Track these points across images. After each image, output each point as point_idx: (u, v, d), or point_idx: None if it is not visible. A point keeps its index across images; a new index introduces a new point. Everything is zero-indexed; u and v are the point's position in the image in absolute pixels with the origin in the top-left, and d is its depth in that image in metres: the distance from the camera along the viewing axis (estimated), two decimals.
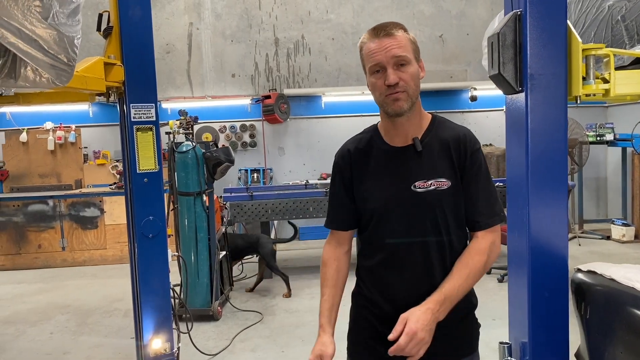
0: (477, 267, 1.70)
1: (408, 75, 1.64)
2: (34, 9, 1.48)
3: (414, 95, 1.67)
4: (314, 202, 6.49)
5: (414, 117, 1.74)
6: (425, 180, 1.70)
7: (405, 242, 1.73)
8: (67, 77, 1.84)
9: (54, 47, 1.63)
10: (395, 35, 1.65)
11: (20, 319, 5.44)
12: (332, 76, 9.20)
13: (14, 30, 1.47)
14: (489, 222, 1.74)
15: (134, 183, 3.54)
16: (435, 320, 1.59)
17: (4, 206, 7.78)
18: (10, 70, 1.70)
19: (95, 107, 8.88)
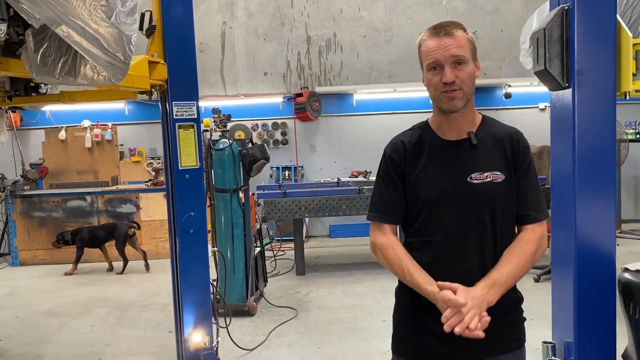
0: (525, 255, 1.73)
1: (465, 74, 1.69)
2: (99, 8, 1.54)
3: (469, 93, 1.72)
4: (347, 199, 6.50)
5: (468, 113, 1.79)
6: (481, 172, 1.74)
7: (459, 232, 1.75)
8: (122, 75, 1.89)
9: (113, 46, 1.68)
10: (454, 35, 1.69)
11: (62, 311, 5.60)
12: (364, 74, 9.19)
13: (78, 29, 1.53)
14: (538, 216, 1.79)
15: (176, 179, 3.60)
16: (485, 301, 1.61)
17: (44, 202, 8.00)
18: (70, 68, 1.76)
19: (130, 105, 9.06)
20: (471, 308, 1.57)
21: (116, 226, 7.32)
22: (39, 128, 8.90)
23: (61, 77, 1.78)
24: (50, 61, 1.75)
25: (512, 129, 1.86)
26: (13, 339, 4.84)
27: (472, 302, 1.58)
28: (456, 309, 1.57)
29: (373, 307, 5.26)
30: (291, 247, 7.49)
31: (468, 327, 1.55)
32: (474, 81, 1.73)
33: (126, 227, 7.25)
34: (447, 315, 1.58)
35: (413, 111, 9.22)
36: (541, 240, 1.79)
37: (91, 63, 1.75)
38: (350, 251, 8.06)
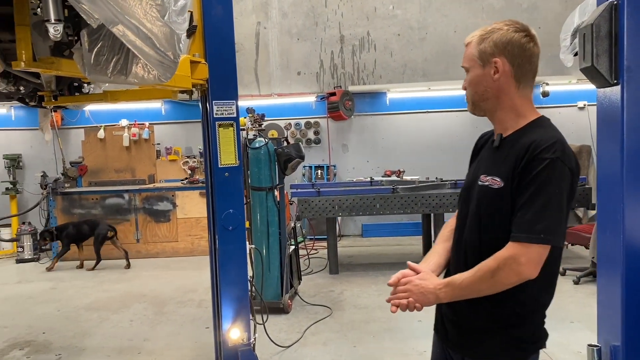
0: (483, 270, 1.63)
1: (467, 82, 1.78)
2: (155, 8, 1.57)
3: (474, 98, 1.77)
4: (381, 198, 6.47)
5: (502, 116, 1.77)
6: (486, 175, 1.74)
7: (460, 229, 1.82)
8: (171, 73, 1.93)
9: (164, 45, 1.72)
10: (467, 46, 1.78)
11: (102, 306, 5.75)
12: (398, 72, 9.14)
13: (133, 29, 1.57)
14: (518, 235, 1.59)
15: (216, 177, 3.65)
16: (435, 296, 1.69)
17: (83, 199, 8.22)
18: (122, 67, 1.81)
19: (167, 105, 9.23)
20: (402, 291, 1.72)
21: (98, 224, 7.57)
22: (79, 127, 9.15)
23: (113, 75, 1.83)
24: (103, 60, 1.80)
25: (538, 138, 1.65)
26: (56, 332, 4.99)
27: (408, 286, 1.71)
28: None
29: None
30: (324, 245, 7.52)
31: None
32: (480, 86, 1.73)
33: (106, 228, 7.54)
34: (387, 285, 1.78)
35: (448, 110, 9.15)
36: (509, 260, 1.58)
37: (142, 62, 1.79)
38: (384, 251, 8.02)
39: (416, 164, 8.91)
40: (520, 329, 1.70)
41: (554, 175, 1.59)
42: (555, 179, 1.58)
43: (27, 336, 4.90)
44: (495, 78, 1.71)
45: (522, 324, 1.70)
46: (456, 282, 1.67)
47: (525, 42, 1.71)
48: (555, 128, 1.75)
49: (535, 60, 1.75)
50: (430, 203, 6.44)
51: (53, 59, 2.33)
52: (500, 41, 1.70)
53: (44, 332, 4.98)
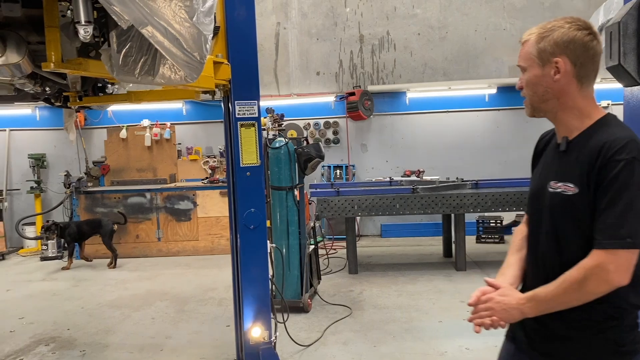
0: (569, 281, 1.56)
1: (523, 81, 1.71)
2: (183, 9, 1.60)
3: (533, 100, 1.70)
4: (401, 198, 6.45)
5: (565, 117, 1.68)
6: (556, 181, 1.66)
7: (535, 239, 1.76)
8: (197, 74, 1.96)
9: (191, 45, 1.74)
10: (523, 44, 1.71)
11: (125, 303, 5.83)
12: (417, 72, 9.10)
13: (162, 30, 1.59)
14: (603, 242, 1.52)
15: (237, 177, 3.68)
16: (519, 312, 1.64)
17: (106, 198, 8.34)
18: (150, 68, 1.84)
19: (188, 105, 9.32)
20: (484, 309, 1.68)
21: (101, 222, 7.71)
22: (102, 127, 9.29)
23: (140, 76, 1.86)
24: (131, 61, 1.83)
25: (611, 138, 1.57)
26: (80, 329, 5.07)
27: (490, 304, 1.67)
28: None
29: (428, 308, 5.21)
30: (343, 245, 7.52)
31: None
32: (541, 87, 1.65)
33: (111, 224, 7.69)
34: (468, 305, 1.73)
35: (468, 109, 9.08)
36: (596, 269, 1.52)
37: (170, 63, 1.82)
38: (403, 251, 7.99)
39: (436, 164, 8.87)
40: (615, 333, 1.60)
41: (632, 176, 1.51)
42: (634, 179, 1.51)
43: (52, 332, 5.00)
44: (556, 78, 1.63)
45: (617, 326, 1.60)
46: (541, 296, 1.61)
47: (588, 41, 1.61)
48: (625, 126, 1.67)
49: (598, 59, 1.66)
50: (451, 203, 6.40)
51: (81, 59, 2.38)
52: (562, 40, 1.61)
53: (68, 329, 5.07)
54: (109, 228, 7.66)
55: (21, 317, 5.49)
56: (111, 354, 4.43)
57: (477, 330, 1.67)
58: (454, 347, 4.25)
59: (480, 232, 8.36)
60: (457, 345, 4.27)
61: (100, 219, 7.82)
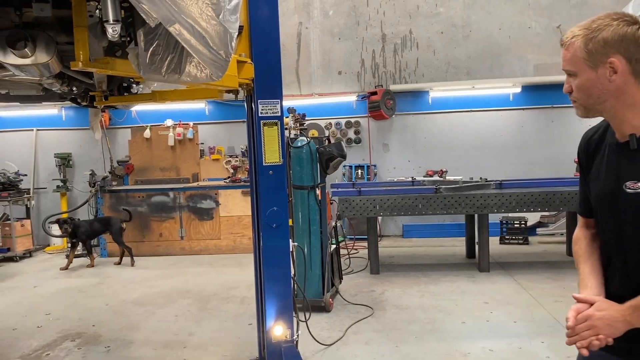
0: None
1: (574, 86, 1.62)
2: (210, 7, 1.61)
3: (586, 103, 1.62)
4: (423, 198, 6.40)
5: (627, 114, 1.60)
6: (635, 181, 1.57)
7: (617, 243, 1.66)
8: (223, 72, 1.97)
9: (217, 43, 1.75)
10: (567, 47, 1.61)
11: (149, 301, 5.90)
12: (440, 71, 9.03)
13: (189, 27, 1.61)
14: None
15: (260, 175, 3.70)
16: (626, 324, 1.55)
17: (130, 197, 8.46)
18: (176, 66, 1.86)
19: (211, 105, 9.39)
20: (586, 328, 1.57)
21: (110, 220, 7.87)
22: (126, 127, 9.42)
23: (167, 74, 1.88)
24: (158, 60, 1.85)
25: None
26: (105, 325, 5.15)
27: (591, 322, 1.56)
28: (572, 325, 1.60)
29: (451, 309, 5.16)
30: (364, 245, 7.49)
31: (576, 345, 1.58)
32: (595, 90, 1.58)
33: (119, 222, 7.83)
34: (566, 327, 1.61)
35: (492, 109, 8.98)
36: None
37: (196, 61, 1.83)
38: (425, 252, 7.94)
39: (459, 164, 8.79)
40: None
41: None
42: None
43: (78, 328, 5.08)
44: (612, 79, 1.55)
45: None
46: None
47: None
48: None
49: None
50: (474, 204, 6.33)
51: (108, 59, 2.41)
52: (613, 38, 1.53)
53: (93, 325, 5.15)
54: (117, 226, 7.79)
55: (48, 312, 5.60)
56: (135, 350, 4.49)
57: (585, 353, 1.56)
58: (477, 348, 4.20)
59: (504, 233, 8.26)
60: (480, 347, 4.22)
61: (109, 217, 7.99)
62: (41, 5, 2.13)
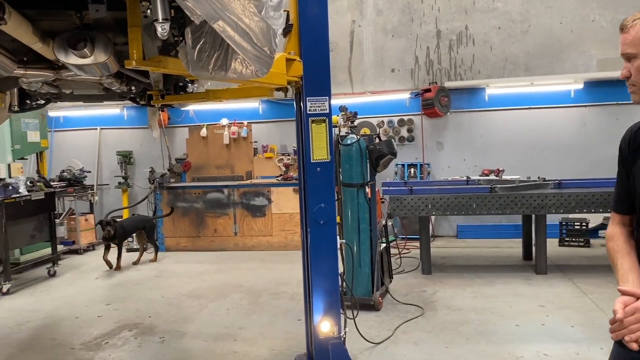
0: None
1: (634, 69, 1.60)
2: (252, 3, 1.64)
3: None
4: (478, 198, 6.24)
5: None
6: None
7: None
8: (267, 68, 2.00)
9: (261, 40, 1.78)
10: (628, 30, 1.60)
11: (202, 294, 6.06)
12: (497, 67, 8.78)
13: (232, 24, 1.64)
14: None
15: (308, 172, 3.72)
16: None
17: (187, 193, 8.72)
18: (222, 63, 1.90)
19: (264, 105, 9.54)
20: (634, 322, 1.51)
21: (144, 219, 8.01)
22: (184, 126, 9.71)
23: (214, 71, 1.93)
24: (205, 57, 1.90)
25: None
26: (160, 317, 5.33)
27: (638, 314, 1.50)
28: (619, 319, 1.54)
29: (505, 311, 5.01)
30: (416, 245, 7.40)
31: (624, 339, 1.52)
32: None
33: (151, 220, 8.04)
34: (611, 322, 1.56)
35: (552, 106, 8.66)
36: None
37: (241, 57, 1.87)
38: (480, 253, 7.74)
39: (516, 163, 8.51)
40: None
41: None
42: None
43: (135, 319, 5.29)
44: None
45: None
46: None
47: None
48: None
49: None
50: (532, 204, 6.12)
51: (160, 57, 2.49)
52: None
53: (149, 316, 5.35)
54: (151, 224, 7.97)
55: (108, 303, 5.86)
56: (188, 342, 4.63)
57: (635, 347, 1.51)
58: (531, 352, 4.06)
59: (563, 235, 7.93)
60: (534, 351, 4.07)
61: (144, 216, 8.16)
62: (96, 6, 2.23)
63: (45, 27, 2.77)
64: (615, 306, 1.55)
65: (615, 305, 1.55)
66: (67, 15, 2.73)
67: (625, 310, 1.52)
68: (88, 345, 4.62)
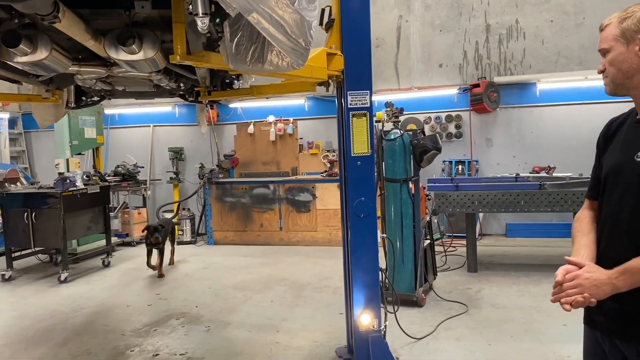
0: None
1: (607, 62, 1.77)
2: None
3: (617, 77, 1.74)
4: (526, 195, 6.09)
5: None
6: None
7: (617, 212, 1.74)
8: (303, 60, 2.04)
9: (295, 32, 1.82)
10: (604, 29, 1.79)
11: (247, 286, 6.20)
12: (550, 61, 8.51)
13: (266, 16, 1.69)
14: None
15: (349, 166, 3.75)
16: (612, 287, 1.62)
17: (235, 189, 8.91)
18: (259, 56, 1.96)
19: (310, 102, 9.61)
20: (572, 287, 1.65)
21: (166, 221, 7.37)
22: (232, 123, 9.91)
23: (251, 63, 1.98)
24: (243, 49, 1.96)
25: None
26: (206, 307, 5.49)
27: (578, 281, 1.64)
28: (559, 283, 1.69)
29: (552, 311, 4.87)
30: (463, 243, 7.28)
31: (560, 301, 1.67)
32: (625, 64, 1.71)
33: (172, 223, 7.59)
34: (553, 286, 1.71)
35: (608, 101, 8.27)
36: None
37: (276, 50, 1.92)
38: (529, 252, 7.55)
39: (569, 160, 8.22)
40: None
41: None
42: None
43: (182, 308, 5.47)
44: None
45: None
46: (635, 268, 1.61)
47: None
48: None
49: None
50: (583, 201, 5.90)
51: (203, 52, 2.58)
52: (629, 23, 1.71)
53: (196, 306, 5.52)
54: (171, 227, 7.48)
55: (157, 293, 6.08)
56: (232, 331, 4.75)
57: (567, 308, 1.65)
58: (577, 352, 3.90)
59: None
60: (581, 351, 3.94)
61: (167, 219, 7.68)
62: (142, 2, 2.34)
63: (98, 25, 2.92)
64: (557, 272, 1.70)
65: (557, 272, 1.70)
66: (118, 14, 2.87)
67: (565, 276, 1.67)
68: (138, 332, 4.82)
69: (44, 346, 4.56)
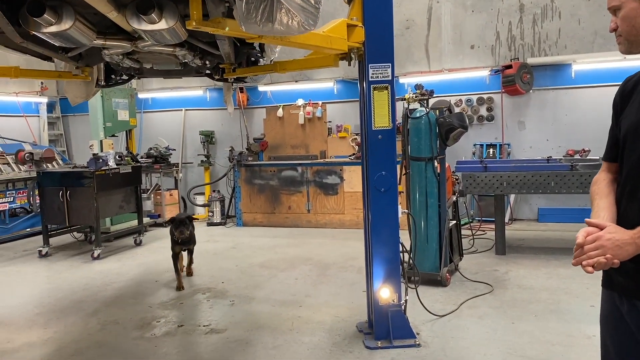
0: None
1: (619, 19, 1.71)
2: None
3: (629, 35, 1.69)
4: (557, 176, 5.94)
5: None
6: None
7: (638, 170, 1.67)
8: (314, 21, 2.03)
9: None
10: None
11: (273, 265, 6.26)
12: (586, 41, 8.23)
13: None
14: None
15: (369, 140, 3.74)
16: (635, 246, 1.56)
17: (263, 171, 8.99)
18: (269, 14, 1.96)
19: (339, 85, 9.58)
20: (594, 249, 1.58)
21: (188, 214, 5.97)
22: (261, 107, 9.98)
23: (262, 23, 1.99)
24: (253, 8, 1.97)
25: None
26: (232, 283, 5.58)
27: (600, 242, 1.58)
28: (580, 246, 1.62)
29: (580, 292, 4.77)
30: (492, 227, 7.15)
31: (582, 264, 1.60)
32: (636, 20, 1.65)
33: None
34: (574, 249, 1.64)
35: None
36: None
37: (285, 7, 1.92)
38: (560, 236, 7.38)
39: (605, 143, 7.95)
40: None
41: None
42: None
43: (209, 284, 5.57)
44: None
45: None
46: None
47: None
48: None
49: None
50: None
51: (219, 19, 2.61)
52: None
53: (222, 282, 5.61)
54: None
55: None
56: (256, 306, 4.82)
57: (590, 270, 1.59)
58: None
59: None
60: None
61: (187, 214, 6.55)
62: None
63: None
64: (578, 234, 1.63)
65: (578, 234, 1.63)
66: None
67: (587, 238, 1.60)
68: (164, 305, 4.94)
69: (75, 315, 4.73)
